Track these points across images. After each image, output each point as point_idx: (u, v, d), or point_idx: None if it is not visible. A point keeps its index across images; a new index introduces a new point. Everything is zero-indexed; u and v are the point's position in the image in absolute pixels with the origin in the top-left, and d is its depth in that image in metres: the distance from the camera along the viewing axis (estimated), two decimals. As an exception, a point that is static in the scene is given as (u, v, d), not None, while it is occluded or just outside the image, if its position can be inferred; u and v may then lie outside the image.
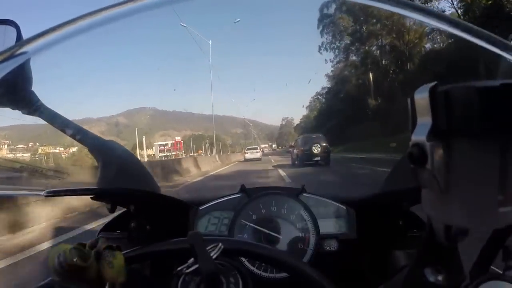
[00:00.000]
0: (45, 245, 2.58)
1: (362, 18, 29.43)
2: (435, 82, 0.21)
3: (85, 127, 0.50)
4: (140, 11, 0.35)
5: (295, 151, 12.07)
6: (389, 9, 0.37)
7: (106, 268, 0.33)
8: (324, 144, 10.79)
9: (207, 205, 0.59)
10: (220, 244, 0.32)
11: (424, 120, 0.21)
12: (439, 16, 0.38)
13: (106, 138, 0.54)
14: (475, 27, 0.37)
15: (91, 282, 0.32)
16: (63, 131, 0.52)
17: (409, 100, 0.23)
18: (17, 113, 0.49)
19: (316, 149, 10.64)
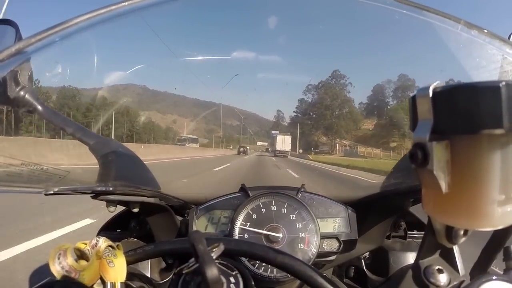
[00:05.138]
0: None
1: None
2: (437, 82, 0.21)
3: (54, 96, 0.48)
4: (134, 11, 0.36)
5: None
6: (397, 9, 0.37)
7: (107, 268, 0.33)
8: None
9: (207, 205, 0.59)
10: (221, 244, 0.32)
11: (426, 120, 0.21)
12: (440, 14, 0.38)
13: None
14: (475, 25, 0.37)
15: (91, 282, 0.32)
16: (63, 129, 0.52)
17: (410, 100, 0.23)
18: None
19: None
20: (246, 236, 0.54)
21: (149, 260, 0.53)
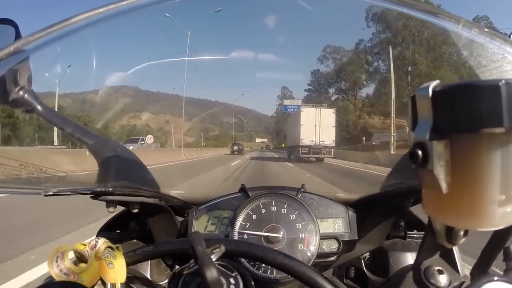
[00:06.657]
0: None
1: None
2: (437, 81, 0.21)
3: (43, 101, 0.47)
4: (133, 9, 0.35)
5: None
6: (398, 9, 0.36)
7: (106, 269, 0.33)
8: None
9: (207, 205, 0.58)
10: (222, 246, 0.32)
11: (426, 119, 0.21)
12: (440, 13, 0.38)
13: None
14: (476, 24, 0.36)
15: (91, 283, 0.32)
16: (62, 129, 0.52)
17: (410, 99, 0.23)
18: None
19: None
20: (245, 236, 0.54)
21: (149, 261, 0.53)
